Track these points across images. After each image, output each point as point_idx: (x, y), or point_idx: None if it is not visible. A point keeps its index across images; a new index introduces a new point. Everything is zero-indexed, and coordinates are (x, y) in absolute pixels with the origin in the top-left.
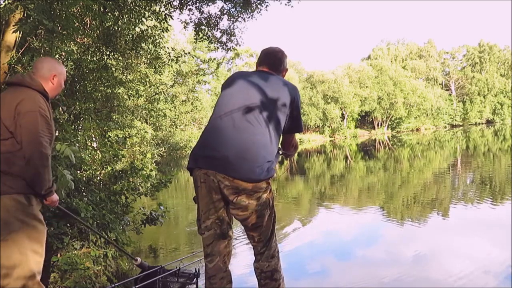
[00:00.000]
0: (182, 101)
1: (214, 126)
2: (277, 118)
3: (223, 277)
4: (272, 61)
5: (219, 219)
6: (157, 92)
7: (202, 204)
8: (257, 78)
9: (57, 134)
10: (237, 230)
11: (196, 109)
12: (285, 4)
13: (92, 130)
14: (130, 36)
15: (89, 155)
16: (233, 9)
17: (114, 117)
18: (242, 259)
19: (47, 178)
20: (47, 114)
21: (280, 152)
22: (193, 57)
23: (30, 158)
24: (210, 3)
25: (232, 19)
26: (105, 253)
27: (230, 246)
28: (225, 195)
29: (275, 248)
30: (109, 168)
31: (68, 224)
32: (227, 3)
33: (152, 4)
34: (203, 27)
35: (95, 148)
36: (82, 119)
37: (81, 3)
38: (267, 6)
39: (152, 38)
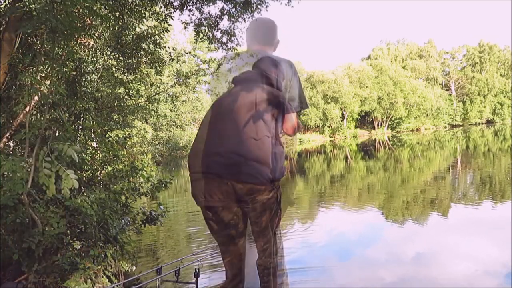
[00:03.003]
0: (183, 101)
1: (215, 130)
2: (283, 111)
3: (237, 274)
4: (265, 34)
5: (233, 219)
6: (158, 92)
7: (215, 204)
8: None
9: (57, 134)
10: None
11: (196, 109)
12: (285, 4)
13: (92, 130)
14: (131, 36)
15: (90, 155)
16: (233, 9)
17: (114, 117)
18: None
19: None
20: None
21: (281, 132)
22: (193, 57)
23: None
24: (210, 4)
25: (233, 19)
26: (105, 253)
27: (245, 244)
28: (239, 195)
29: (279, 245)
30: (110, 168)
31: (68, 224)
32: (227, 3)
33: (152, 5)
34: (203, 28)
35: (96, 148)
36: (82, 118)
37: (82, 3)
38: (267, 6)
39: (152, 38)
